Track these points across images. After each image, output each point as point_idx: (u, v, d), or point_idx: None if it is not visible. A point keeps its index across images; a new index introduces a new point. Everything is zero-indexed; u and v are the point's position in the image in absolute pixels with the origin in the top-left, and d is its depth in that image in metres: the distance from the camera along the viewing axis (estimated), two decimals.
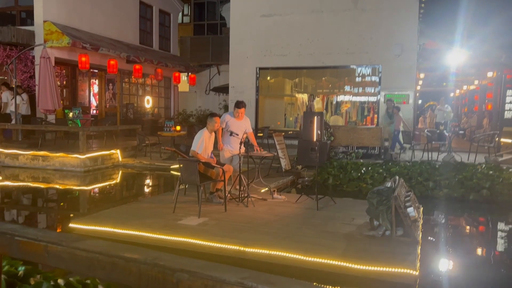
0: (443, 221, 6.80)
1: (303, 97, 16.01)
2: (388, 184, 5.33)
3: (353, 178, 8.68)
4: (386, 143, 11.26)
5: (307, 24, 13.97)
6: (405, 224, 4.75)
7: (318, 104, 15.59)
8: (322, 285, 3.81)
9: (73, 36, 12.89)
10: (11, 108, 12.33)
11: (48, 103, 11.87)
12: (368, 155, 11.08)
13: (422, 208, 6.18)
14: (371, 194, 5.07)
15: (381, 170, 8.79)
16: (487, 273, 4.52)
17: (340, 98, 15.66)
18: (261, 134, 12.70)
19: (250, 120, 12.92)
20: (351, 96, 15.11)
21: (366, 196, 5.15)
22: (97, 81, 16.48)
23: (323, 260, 4.11)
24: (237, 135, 6.23)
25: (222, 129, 6.40)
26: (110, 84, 16.80)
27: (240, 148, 6.09)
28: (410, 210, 4.83)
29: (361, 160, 10.03)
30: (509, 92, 12.08)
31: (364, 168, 8.99)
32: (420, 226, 5.35)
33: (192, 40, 19.95)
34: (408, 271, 3.91)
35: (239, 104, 6.42)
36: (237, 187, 6.49)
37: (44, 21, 12.83)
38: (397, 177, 5.71)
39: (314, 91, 16.00)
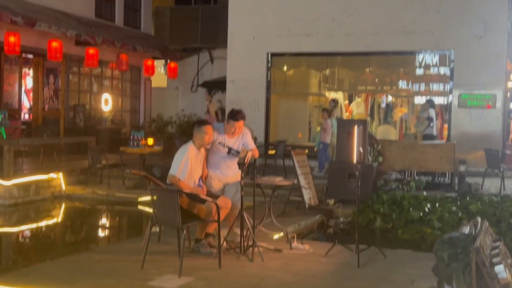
0: None
1: (337, 97, 16.02)
2: (466, 230, 5.28)
3: (412, 220, 8.64)
4: (462, 167, 11.22)
5: None
6: None
7: (359, 108, 15.61)
8: None
9: None
10: None
11: None
12: (435, 185, 11.02)
13: None
14: (440, 244, 5.02)
15: (454, 208, 8.73)
16: None
17: (392, 99, 15.65)
18: (273, 152, 12.70)
19: (258, 131, 12.92)
20: (409, 96, 15.11)
21: (433, 248, 5.10)
22: (31, 72, 16.69)
23: None
24: (238, 153, 6.22)
25: (219, 143, 6.41)
26: (51, 77, 17.00)
27: (242, 172, 6.08)
28: (499, 269, 4.76)
29: (425, 193, 9.98)
30: None
31: (429, 205, 8.93)
32: None
33: (172, 12, 20.18)
34: None
35: (236, 115, 6.35)
36: (237, 231, 6.44)
37: None
38: (478, 219, 5.65)
39: (352, 88, 16.05)
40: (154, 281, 5.35)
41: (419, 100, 15.25)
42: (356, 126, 8.83)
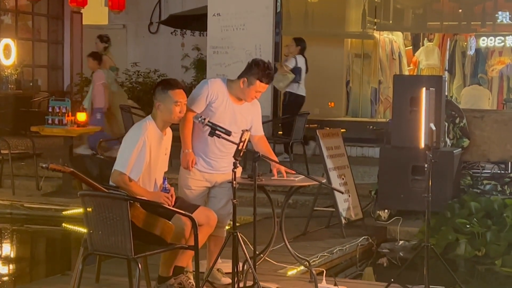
0: None
1: (393, 40, 15.96)
2: None
3: None
4: None
5: None
6: None
7: (430, 58, 15.56)
8: None
9: None
10: None
11: None
12: None
13: None
14: None
15: None
16: None
17: (486, 42, 15.58)
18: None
19: (263, 97, 13.00)
20: None
21: None
22: None
23: None
24: (229, 134, 6.23)
25: (195, 118, 6.41)
26: None
27: (234, 166, 6.09)
28: None
29: None
30: None
31: None
32: None
33: None
34: None
35: (264, 73, 6.47)
36: (223, 267, 6.50)
37: None
38: None
39: (419, 25, 15.97)
40: None
41: None
42: (425, 87, 8.77)
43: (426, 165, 6.63)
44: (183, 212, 5.92)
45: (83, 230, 6.33)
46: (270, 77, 6.55)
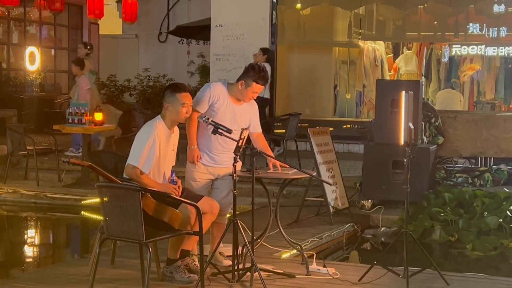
0: None
1: (375, 48, 15.94)
2: None
3: (487, 229, 8.66)
4: None
5: None
6: None
7: (409, 64, 15.55)
8: None
9: None
10: None
11: None
12: None
13: None
14: None
15: None
16: None
17: (459, 50, 15.57)
18: (283, 131, 12.68)
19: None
20: (484, 46, 14.99)
21: None
22: None
23: None
24: (230, 132, 6.23)
25: (199, 117, 6.41)
26: None
27: (235, 161, 6.09)
28: None
29: (506, 189, 9.96)
30: None
31: None
32: None
33: None
34: None
35: (259, 75, 6.47)
36: (224, 251, 6.48)
37: None
38: None
39: (399, 35, 15.92)
40: None
41: (499, 51, 15.16)
42: (404, 90, 8.76)
43: (405, 160, 6.63)
44: (189, 201, 5.93)
45: (99, 217, 6.32)
46: (265, 79, 6.52)
